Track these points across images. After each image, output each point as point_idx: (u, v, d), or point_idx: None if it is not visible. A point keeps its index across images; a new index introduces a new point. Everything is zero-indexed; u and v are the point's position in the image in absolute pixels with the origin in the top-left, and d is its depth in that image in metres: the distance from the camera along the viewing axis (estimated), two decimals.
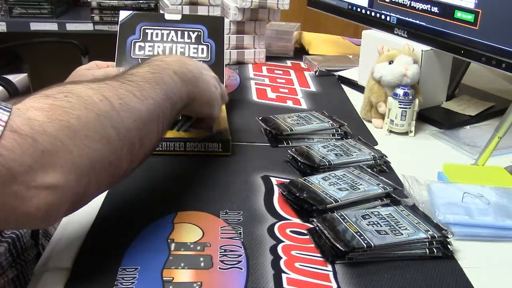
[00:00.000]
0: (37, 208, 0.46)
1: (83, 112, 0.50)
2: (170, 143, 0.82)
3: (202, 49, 0.96)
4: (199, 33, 0.96)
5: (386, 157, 0.83)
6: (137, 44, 0.95)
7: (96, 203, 0.69)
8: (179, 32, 0.96)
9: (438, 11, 0.98)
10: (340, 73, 1.25)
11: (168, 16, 0.97)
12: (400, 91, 0.93)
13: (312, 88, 1.19)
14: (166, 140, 0.82)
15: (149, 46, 0.95)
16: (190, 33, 0.96)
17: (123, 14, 0.96)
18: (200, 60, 0.95)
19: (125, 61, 0.93)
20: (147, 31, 0.96)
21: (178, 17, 0.97)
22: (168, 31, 0.96)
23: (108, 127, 0.52)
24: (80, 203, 0.53)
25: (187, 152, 0.83)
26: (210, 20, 1.00)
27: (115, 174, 0.56)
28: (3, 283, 0.67)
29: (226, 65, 1.30)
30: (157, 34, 0.95)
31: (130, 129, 0.55)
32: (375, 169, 0.80)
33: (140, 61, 0.92)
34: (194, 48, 0.96)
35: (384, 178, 0.73)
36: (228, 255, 0.60)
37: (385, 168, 0.81)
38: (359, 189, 0.70)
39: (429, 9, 1.00)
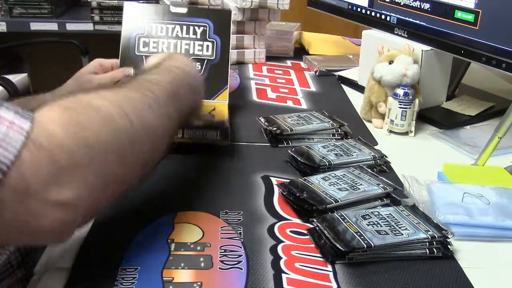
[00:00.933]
0: (51, 224, 0.46)
1: (101, 128, 0.50)
2: None
3: (207, 46, 0.95)
4: (205, 28, 0.94)
5: (386, 157, 0.83)
6: (142, 40, 0.93)
7: None
8: (184, 27, 0.94)
9: (438, 11, 0.98)
10: (340, 73, 1.25)
11: (173, 9, 0.95)
12: (400, 91, 0.93)
13: (312, 88, 1.19)
14: None
15: (154, 42, 0.94)
16: (196, 28, 0.94)
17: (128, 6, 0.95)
18: (205, 59, 0.94)
19: (130, 59, 0.92)
20: (151, 25, 0.94)
21: (184, 10, 0.95)
22: (173, 26, 0.94)
23: (124, 145, 0.52)
24: (91, 217, 0.53)
25: (184, 139, 0.82)
26: (217, 14, 0.98)
27: (124, 188, 0.55)
28: (12, 282, 0.67)
29: None
30: (162, 28, 0.94)
31: (145, 146, 0.55)
32: (375, 169, 0.80)
33: (144, 59, 0.91)
34: (199, 45, 0.94)
35: (384, 178, 0.73)
36: (228, 255, 0.60)
37: (385, 168, 0.81)
38: (359, 189, 0.70)
39: (429, 9, 1.00)
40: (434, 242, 0.61)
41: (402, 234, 0.61)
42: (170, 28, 0.94)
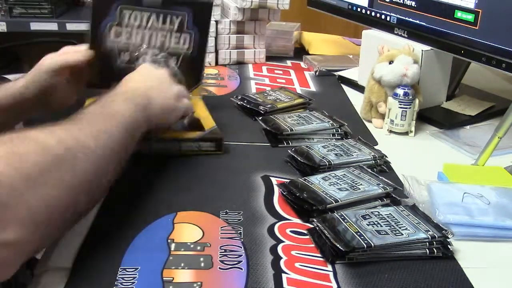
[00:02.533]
0: None
1: (39, 158, 0.49)
2: (165, 144, 0.82)
3: (185, 38, 0.87)
4: (183, 18, 0.85)
5: (386, 157, 0.83)
6: (114, 29, 0.84)
7: None
8: (161, 16, 0.85)
9: (438, 11, 0.98)
10: (340, 73, 1.25)
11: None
12: (400, 91, 0.93)
13: (312, 88, 1.19)
14: (161, 141, 0.82)
15: (127, 33, 0.85)
16: (174, 17, 0.86)
17: None
18: (181, 53, 0.87)
19: (100, 50, 0.84)
20: (124, 11, 0.83)
21: (158, 1, 0.85)
22: (148, 13, 0.84)
23: (65, 171, 0.51)
24: (37, 251, 0.51)
25: (182, 151, 0.83)
26: (197, 5, 0.87)
27: (73, 218, 0.54)
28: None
29: (226, 65, 1.30)
30: (136, 16, 0.84)
31: (87, 170, 0.54)
32: (375, 169, 0.80)
33: (117, 49, 0.85)
34: (176, 38, 0.87)
35: (384, 178, 0.73)
36: (228, 255, 0.60)
37: (385, 168, 0.81)
38: (359, 189, 0.70)
39: (429, 9, 1.00)
40: (434, 242, 0.61)
41: (402, 234, 0.61)
42: (145, 17, 0.85)
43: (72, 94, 0.85)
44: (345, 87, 1.20)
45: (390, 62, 0.94)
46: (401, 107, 0.93)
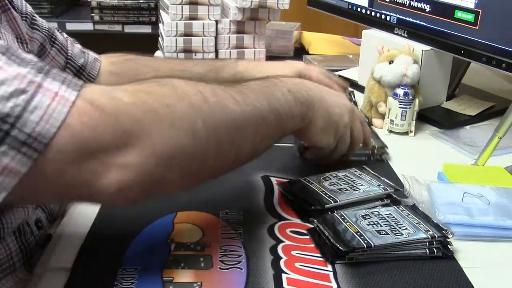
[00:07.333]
0: (109, 184, 0.46)
1: (173, 101, 0.50)
2: None
3: None
4: None
5: (387, 148, 0.84)
6: None
7: None
8: None
9: (438, 11, 0.98)
10: (340, 72, 1.25)
11: None
12: (400, 91, 0.93)
13: None
14: None
15: None
16: None
17: None
18: None
19: None
20: None
21: None
22: None
23: (196, 121, 0.51)
24: (156, 190, 0.51)
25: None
26: None
27: (200, 171, 0.54)
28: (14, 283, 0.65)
29: None
30: None
31: (219, 128, 0.53)
32: (372, 158, 0.81)
33: None
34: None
35: (385, 179, 0.73)
36: (228, 255, 0.60)
37: (382, 158, 0.83)
38: (360, 189, 0.70)
39: (429, 9, 1.00)
40: (434, 242, 0.61)
41: (402, 234, 0.61)
42: None
43: None
44: None
45: (390, 62, 0.94)
46: (401, 107, 0.93)
